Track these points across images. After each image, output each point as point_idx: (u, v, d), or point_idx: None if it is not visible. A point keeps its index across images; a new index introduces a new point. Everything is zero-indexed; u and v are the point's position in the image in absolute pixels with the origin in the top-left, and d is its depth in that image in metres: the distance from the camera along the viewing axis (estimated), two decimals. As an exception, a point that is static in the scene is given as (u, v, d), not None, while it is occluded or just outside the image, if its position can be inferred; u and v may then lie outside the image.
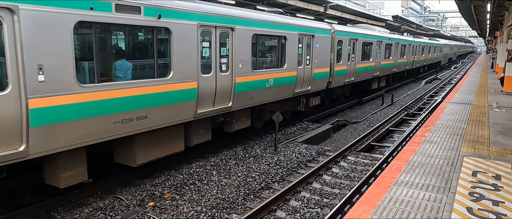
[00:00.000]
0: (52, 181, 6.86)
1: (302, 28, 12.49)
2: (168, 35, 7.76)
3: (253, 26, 10.16)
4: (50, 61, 5.81)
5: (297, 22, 12.47)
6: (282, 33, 11.39)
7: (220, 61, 9.29)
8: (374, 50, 19.92)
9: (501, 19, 27.53)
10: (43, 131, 5.82)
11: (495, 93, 17.51)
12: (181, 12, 7.92)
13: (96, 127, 6.56)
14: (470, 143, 8.51)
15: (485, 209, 5.18)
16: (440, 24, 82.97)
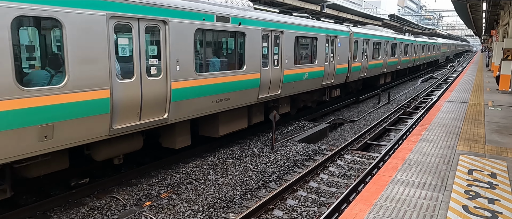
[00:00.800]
0: (169, 144, 9.18)
1: (328, 30, 14.82)
2: (243, 37, 10.03)
3: (295, 29, 12.31)
4: (183, 56, 8.16)
5: (324, 25, 14.91)
6: (314, 34, 13.66)
7: (274, 58, 11.37)
8: (382, 49, 22.22)
9: (496, 18, 27.64)
10: (177, 105, 8.17)
11: (491, 91, 17.60)
12: (251, 20, 10.17)
13: (203, 104, 8.89)
14: (466, 142, 8.56)
15: (481, 207, 5.21)
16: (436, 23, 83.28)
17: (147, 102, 7.46)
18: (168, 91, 7.90)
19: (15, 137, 5.52)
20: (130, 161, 9.66)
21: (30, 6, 5.49)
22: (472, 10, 23.83)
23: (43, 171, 6.68)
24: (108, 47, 6.61)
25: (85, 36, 6.24)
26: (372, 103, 21.28)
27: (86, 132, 6.49)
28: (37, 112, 5.73)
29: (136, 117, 7.34)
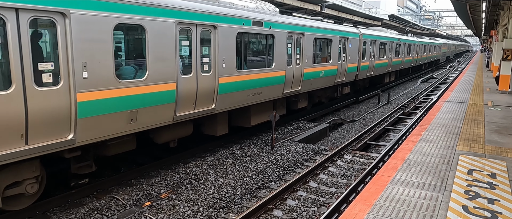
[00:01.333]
0: (211, 132, 10.32)
1: (341, 32, 16.12)
2: (273, 39, 11.27)
3: (314, 31, 13.68)
4: (227, 55, 9.44)
5: (338, 27, 16.22)
6: (329, 36, 14.96)
7: (296, 57, 12.59)
8: (387, 49, 23.54)
9: (496, 18, 27.67)
10: (222, 97, 9.40)
11: (491, 92, 17.61)
12: (279, 24, 11.52)
13: (240, 97, 10.15)
14: (465, 142, 8.56)
15: (481, 207, 5.21)
16: (436, 23, 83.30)
17: (201, 94, 8.83)
18: (216, 85, 9.25)
19: (113, 119, 6.82)
20: (130, 161, 9.66)
21: (125, 15, 6.84)
22: (472, 10, 23.85)
23: (119, 150, 7.77)
24: (175, 48, 7.97)
25: (160, 39, 7.58)
26: (372, 103, 21.28)
27: (158, 118, 7.79)
28: (128, 100, 7.05)
29: (192, 106, 8.69)
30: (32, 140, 5.77)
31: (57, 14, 5.88)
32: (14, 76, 5.47)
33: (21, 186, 6.27)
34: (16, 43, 5.45)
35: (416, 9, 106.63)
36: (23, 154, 5.70)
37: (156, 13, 7.41)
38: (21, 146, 5.66)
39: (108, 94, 6.67)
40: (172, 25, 7.78)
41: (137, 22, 7.05)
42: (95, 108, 6.51)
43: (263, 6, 11.74)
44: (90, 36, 6.33)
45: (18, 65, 5.49)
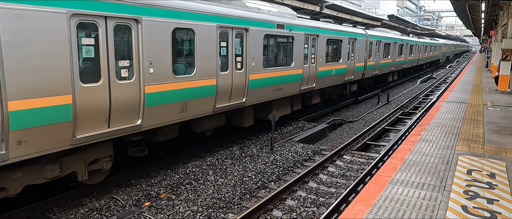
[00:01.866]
0: (239, 123, 11.36)
1: (350, 33, 17.26)
2: (292, 40, 12.34)
3: (327, 33, 14.80)
4: (256, 55, 10.54)
5: (347, 29, 17.40)
6: (340, 37, 16.02)
7: (311, 56, 13.69)
8: (391, 50, 24.72)
9: (495, 18, 27.68)
10: (251, 92, 10.60)
11: (490, 92, 17.62)
12: (298, 27, 12.56)
13: (265, 92, 11.25)
14: (465, 142, 8.56)
15: (480, 207, 5.21)
16: (435, 24, 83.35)
17: (235, 89, 9.98)
18: (247, 81, 10.39)
19: (170, 108, 7.99)
20: (130, 161, 9.66)
21: (181, 21, 8.05)
22: (471, 11, 23.86)
23: (166, 137, 8.81)
24: (217, 48, 9.08)
25: (205, 41, 8.75)
26: (371, 103, 21.29)
27: (202, 109, 8.95)
28: (180, 92, 8.19)
29: (228, 99, 9.82)
30: (112, 124, 6.94)
31: (132, 21, 7.09)
32: (103, 71, 6.65)
33: (99, 163, 7.46)
34: (104, 44, 6.64)
35: (415, 9, 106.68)
36: (106, 135, 6.84)
37: (203, 18, 8.66)
38: (105, 129, 6.81)
39: (167, 87, 7.89)
40: (214, 28, 8.99)
41: (189, 27, 8.29)
42: (157, 99, 7.66)
43: (283, 11, 12.76)
44: (156, 38, 7.52)
45: (105, 62, 6.66)
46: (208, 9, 8.84)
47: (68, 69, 6.02)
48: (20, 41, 5.38)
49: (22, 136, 5.59)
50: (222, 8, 9.41)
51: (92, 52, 6.51)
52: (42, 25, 5.63)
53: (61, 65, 5.92)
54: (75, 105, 6.17)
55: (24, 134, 5.59)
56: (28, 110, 5.58)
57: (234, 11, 9.76)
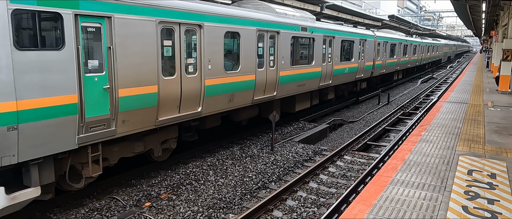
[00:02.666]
0: (266, 115, 12.30)
1: (361, 35, 18.80)
2: (313, 42, 13.86)
3: (341, 35, 16.33)
4: (285, 54, 12.02)
5: (358, 31, 19.06)
6: (352, 38, 17.56)
7: (328, 56, 15.24)
8: (396, 50, 26.15)
9: (496, 18, 27.65)
10: (281, 86, 12.00)
11: (491, 92, 17.60)
12: (318, 29, 14.13)
13: (291, 88, 12.70)
14: (465, 142, 8.56)
15: (481, 208, 5.21)
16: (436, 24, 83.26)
17: (268, 83, 11.47)
18: (278, 77, 11.80)
19: (222, 98, 9.56)
20: (130, 161, 9.66)
21: (230, 25, 9.58)
22: (472, 11, 23.84)
23: (211, 125, 10.26)
24: (256, 48, 10.66)
25: (247, 42, 10.26)
26: (372, 103, 21.28)
27: (243, 100, 10.49)
28: (229, 86, 9.74)
29: (262, 93, 11.29)
30: (182, 110, 8.47)
31: (197, 26, 8.59)
32: (177, 67, 8.18)
33: (168, 143, 9.00)
34: (178, 45, 8.16)
35: (416, 9, 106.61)
36: (177, 119, 8.37)
37: (246, 23, 10.17)
38: (176, 114, 8.35)
39: (220, 81, 9.41)
40: (254, 31, 10.52)
41: (236, 30, 9.81)
42: (213, 90, 9.19)
43: (305, 15, 14.23)
44: (213, 40, 9.03)
45: (178, 59, 8.20)
46: (249, 15, 10.42)
47: (156, 65, 7.54)
48: (126, 42, 6.90)
49: (125, 117, 7.09)
50: (259, 14, 11.04)
51: (170, 52, 8.06)
52: (140, 30, 7.15)
53: (151, 61, 7.45)
54: (159, 93, 7.69)
55: (127, 115, 7.10)
56: (130, 97, 7.07)
57: (268, 16, 11.33)
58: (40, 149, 5.87)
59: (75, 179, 7.03)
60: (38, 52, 5.68)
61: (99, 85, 6.60)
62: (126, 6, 6.84)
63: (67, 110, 6.08)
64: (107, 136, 6.85)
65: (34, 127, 5.71)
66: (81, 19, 6.21)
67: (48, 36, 5.87)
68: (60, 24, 5.92)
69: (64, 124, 6.09)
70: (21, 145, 5.62)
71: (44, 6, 5.68)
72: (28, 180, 6.10)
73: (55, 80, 5.89)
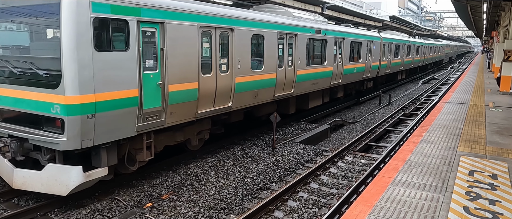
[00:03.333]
0: (284, 111, 13.65)
1: (368, 36, 19.87)
2: (326, 43, 14.88)
3: (350, 36, 17.34)
4: (301, 55, 13.01)
5: (365, 32, 20.21)
6: (360, 40, 18.63)
7: (338, 56, 16.24)
8: (400, 51, 27.25)
9: (497, 19, 27.60)
10: (297, 84, 13.01)
11: (492, 93, 17.58)
12: (330, 31, 15.16)
13: (306, 85, 13.73)
14: (466, 143, 8.55)
15: (482, 208, 5.20)
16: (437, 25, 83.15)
17: (287, 81, 12.41)
18: (295, 76, 12.78)
19: (248, 95, 10.59)
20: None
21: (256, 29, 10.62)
22: (473, 12, 23.80)
23: (235, 119, 11.18)
24: (277, 49, 11.61)
25: (270, 44, 11.27)
26: (373, 104, 21.26)
27: (266, 97, 11.45)
28: (255, 83, 10.75)
29: (282, 90, 12.25)
30: (216, 105, 9.48)
31: (229, 30, 9.62)
32: (213, 66, 9.17)
33: (202, 133, 9.98)
34: (214, 47, 9.19)
35: (417, 10, 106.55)
36: (212, 113, 9.38)
37: (269, 27, 11.21)
38: (212, 107, 9.35)
39: (247, 79, 10.41)
40: (276, 34, 11.52)
41: (261, 33, 10.81)
42: (242, 87, 10.21)
43: (318, 18, 15.37)
44: (242, 42, 10.05)
45: (214, 59, 9.19)
46: (272, 20, 11.49)
47: (197, 64, 8.57)
48: (175, 44, 7.93)
49: (173, 109, 8.07)
50: (280, 18, 12.04)
51: (208, 52, 9.07)
52: (185, 34, 8.19)
53: (194, 61, 8.47)
54: (199, 89, 8.69)
55: (174, 108, 8.09)
56: (177, 91, 8.06)
57: (287, 20, 12.35)
58: (109, 135, 6.89)
59: (129, 163, 7.96)
60: (110, 53, 6.71)
61: (154, 81, 7.61)
62: (175, 13, 7.94)
63: (130, 102, 7.11)
64: (158, 126, 7.88)
65: (106, 116, 6.72)
66: (141, 25, 7.23)
67: (118, 39, 6.91)
68: (126, 29, 6.94)
69: (127, 114, 7.10)
70: (96, 131, 6.64)
71: (115, 14, 6.71)
72: (98, 161, 7.10)
73: (122, 77, 6.90)
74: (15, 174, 6.90)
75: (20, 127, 7.00)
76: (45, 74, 6.57)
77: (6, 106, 7.16)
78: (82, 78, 6.30)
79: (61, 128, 6.40)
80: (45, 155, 6.95)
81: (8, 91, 7.06)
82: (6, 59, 7.24)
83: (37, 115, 6.70)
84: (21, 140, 7.03)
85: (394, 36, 25.71)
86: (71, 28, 6.17)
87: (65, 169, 6.63)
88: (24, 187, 6.92)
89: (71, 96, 6.27)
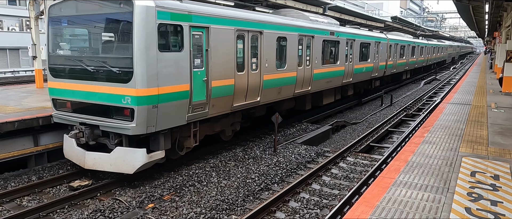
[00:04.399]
0: (301, 107, 14.92)
1: (376, 38, 21.05)
2: (338, 44, 16.03)
3: (360, 38, 18.49)
4: (317, 55, 14.16)
5: (373, 34, 21.39)
6: (369, 41, 19.78)
7: (349, 56, 17.22)
8: (406, 51, 28.23)
9: (499, 19, 27.55)
10: (314, 82, 14.12)
11: (494, 93, 17.54)
12: (342, 33, 16.22)
13: (321, 83, 14.85)
14: (468, 144, 8.53)
15: (484, 209, 5.19)
16: (439, 25, 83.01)
17: (305, 79, 13.53)
18: (312, 74, 13.92)
19: (273, 91, 11.72)
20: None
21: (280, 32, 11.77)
22: (475, 12, 23.76)
23: (258, 114, 12.21)
24: (297, 49, 12.75)
25: (292, 45, 12.44)
26: (375, 105, 21.24)
27: (287, 93, 12.58)
28: (279, 80, 11.87)
29: (301, 87, 13.33)
30: (247, 99, 10.65)
31: (259, 33, 10.80)
32: (245, 65, 10.37)
33: (234, 125, 11.22)
34: (247, 48, 10.34)
35: (419, 10, 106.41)
36: (244, 106, 10.58)
37: (291, 29, 12.36)
38: (244, 102, 10.50)
39: (272, 76, 11.52)
40: (296, 36, 12.68)
41: (284, 35, 11.95)
42: (268, 84, 11.34)
43: (331, 21, 16.43)
44: (269, 44, 11.18)
45: (247, 59, 10.37)
46: (293, 23, 12.64)
47: (233, 63, 9.75)
48: (217, 46, 9.09)
49: (214, 102, 9.23)
50: (300, 22, 13.24)
51: (242, 53, 10.21)
52: (225, 37, 9.39)
53: (231, 60, 9.64)
54: (234, 85, 9.85)
55: (215, 101, 9.25)
56: (218, 87, 9.25)
57: (306, 23, 13.54)
58: (167, 123, 8.10)
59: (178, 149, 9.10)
60: (169, 53, 7.94)
61: (200, 77, 8.77)
62: (218, 18, 9.14)
63: (183, 95, 8.29)
64: (203, 116, 9.10)
65: (165, 106, 7.91)
66: (192, 29, 8.40)
67: (174, 41, 8.12)
68: (181, 33, 8.16)
69: (180, 106, 8.28)
70: (158, 119, 7.83)
71: (174, 21, 7.96)
72: (156, 145, 8.30)
73: (178, 73, 8.10)
74: (87, 157, 8.24)
75: (90, 116, 8.20)
76: (118, 71, 7.69)
77: (78, 98, 8.38)
78: (149, 74, 7.51)
79: (130, 116, 7.61)
80: (113, 139, 8.15)
81: (80, 86, 8.27)
82: (80, 59, 8.46)
83: (107, 106, 7.88)
84: (92, 127, 8.25)
85: (400, 37, 26.67)
86: (141, 32, 7.38)
87: (132, 151, 7.90)
88: (94, 167, 8.21)
89: (141, 89, 7.47)
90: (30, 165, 9.26)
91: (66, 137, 8.77)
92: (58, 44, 9.12)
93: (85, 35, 8.74)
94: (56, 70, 8.77)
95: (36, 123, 9.22)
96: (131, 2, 7.37)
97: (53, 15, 8.78)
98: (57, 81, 8.72)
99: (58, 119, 8.87)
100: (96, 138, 8.38)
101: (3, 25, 31.74)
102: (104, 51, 8.31)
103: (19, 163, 9.17)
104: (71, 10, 8.46)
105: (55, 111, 8.95)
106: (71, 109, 8.61)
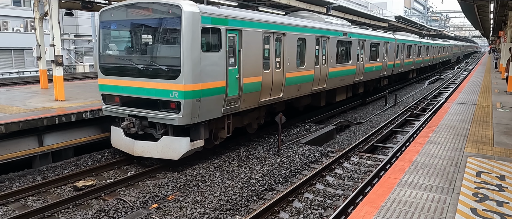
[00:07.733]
0: (316, 103, 15.76)
1: (384, 38, 21.86)
2: (350, 44, 16.86)
3: (370, 38, 19.29)
4: (332, 54, 15.00)
5: (382, 34, 22.03)
6: (378, 41, 20.62)
7: (361, 56, 18.17)
8: (412, 51, 28.99)
9: (504, 18, 27.34)
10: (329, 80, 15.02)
11: (499, 93, 17.43)
12: (353, 34, 17.02)
13: (335, 81, 15.73)
14: (474, 144, 8.48)
15: (489, 210, 5.15)
16: (443, 24, 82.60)
17: (321, 77, 14.40)
18: (327, 72, 14.80)
19: (294, 88, 12.58)
20: (136, 163, 9.71)
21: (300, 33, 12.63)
22: (480, 11, 23.61)
23: (279, 109, 12.66)
24: (314, 49, 13.59)
25: (310, 45, 13.27)
26: (379, 105, 21.17)
27: (305, 90, 13.46)
28: (298, 78, 12.71)
29: (317, 85, 14.22)
30: (272, 95, 11.52)
31: (282, 34, 11.61)
32: (270, 64, 11.21)
33: (259, 119, 12.15)
34: (272, 48, 11.23)
35: (423, 10, 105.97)
36: (268, 102, 11.49)
37: (309, 31, 13.25)
38: (269, 97, 11.41)
39: (293, 74, 12.35)
40: (314, 37, 13.53)
41: (304, 37, 12.80)
42: (290, 81, 12.22)
43: (344, 22, 17.36)
44: (290, 44, 12.06)
45: (272, 58, 11.24)
46: (311, 25, 13.56)
47: (261, 62, 10.64)
48: (248, 47, 10.05)
49: (245, 97, 10.21)
50: (317, 23, 14.17)
51: (267, 53, 11.05)
52: (254, 39, 10.31)
53: (258, 59, 10.55)
54: (262, 82, 10.76)
55: (246, 96, 10.23)
56: (248, 83, 10.18)
57: (322, 25, 14.44)
58: (206, 115, 9.06)
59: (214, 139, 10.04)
60: (210, 53, 8.89)
61: (234, 75, 9.68)
62: (249, 22, 10.09)
63: (221, 90, 9.25)
64: (235, 110, 10.04)
65: (206, 100, 8.87)
66: (228, 32, 9.34)
67: (214, 43, 9.03)
68: (218, 35, 9.10)
69: (218, 100, 9.24)
70: (200, 112, 8.79)
71: (214, 24, 8.90)
72: (197, 135, 9.14)
73: (216, 71, 9.07)
74: (136, 145, 9.21)
75: (139, 109, 9.13)
76: (166, 69, 8.62)
77: (127, 94, 9.30)
78: (195, 72, 8.45)
79: (177, 109, 8.54)
80: (159, 130, 9.05)
81: (130, 82, 9.21)
82: (129, 58, 9.38)
83: (156, 100, 8.81)
84: (141, 119, 9.15)
85: (407, 37, 27.47)
86: (188, 35, 8.32)
87: (177, 140, 8.87)
88: (143, 154, 9.16)
89: (187, 84, 8.41)
90: (35, 165, 9.31)
91: (113, 128, 9.81)
92: (108, 45, 10.14)
93: (134, 37, 9.70)
94: (106, 68, 9.72)
95: (41, 124, 9.26)
96: (180, 8, 8.32)
97: (104, 19, 9.76)
98: (107, 78, 9.65)
99: (108, 112, 9.82)
100: (144, 128, 9.24)
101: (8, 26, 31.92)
102: (153, 52, 9.23)
103: (24, 163, 9.22)
104: (121, 15, 9.46)
105: (105, 105, 9.86)
106: (120, 103, 9.53)
